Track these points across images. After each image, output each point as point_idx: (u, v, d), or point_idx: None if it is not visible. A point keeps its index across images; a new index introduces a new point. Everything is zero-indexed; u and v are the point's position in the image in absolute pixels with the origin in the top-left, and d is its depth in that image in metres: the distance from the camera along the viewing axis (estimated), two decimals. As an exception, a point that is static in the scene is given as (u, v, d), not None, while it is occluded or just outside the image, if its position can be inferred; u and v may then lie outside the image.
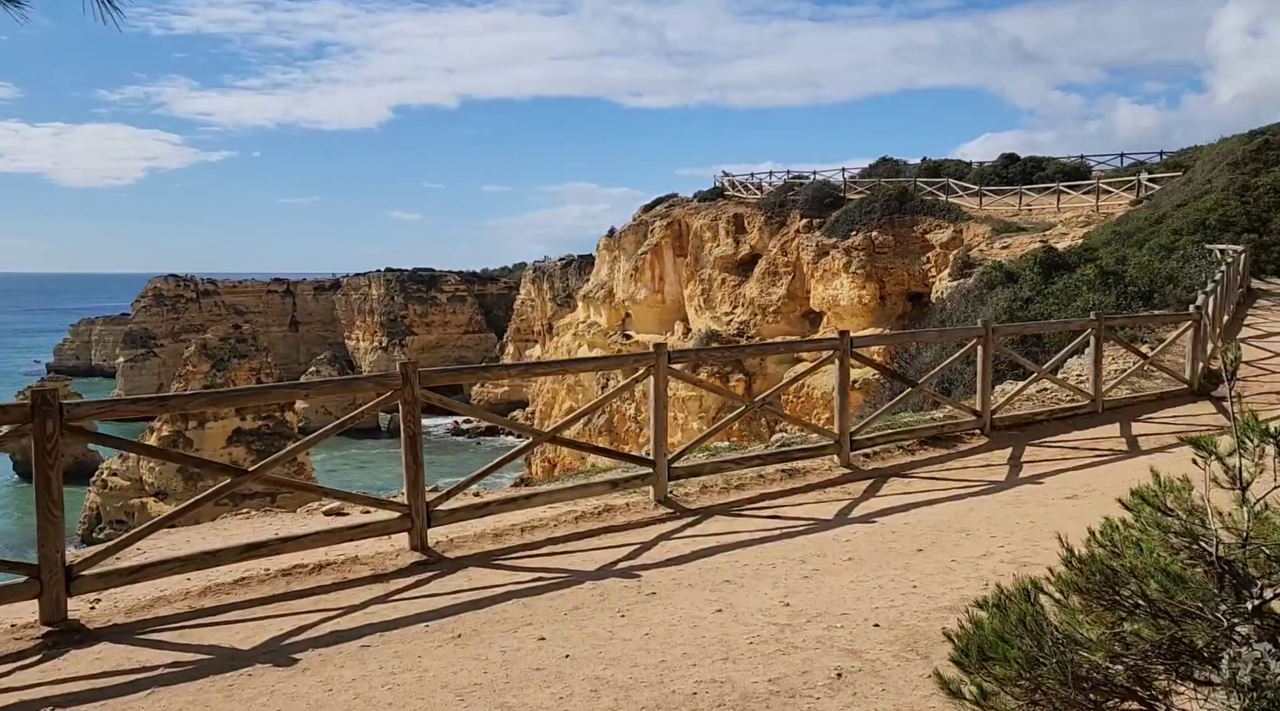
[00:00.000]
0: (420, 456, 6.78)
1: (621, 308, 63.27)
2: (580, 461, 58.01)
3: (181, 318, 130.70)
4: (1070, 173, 51.29)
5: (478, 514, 7.16)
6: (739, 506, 8.08)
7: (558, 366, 11.13)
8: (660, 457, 7.99)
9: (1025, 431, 10.48)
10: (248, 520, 7.92)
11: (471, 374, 7.46)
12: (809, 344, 9.74)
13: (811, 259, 50.53)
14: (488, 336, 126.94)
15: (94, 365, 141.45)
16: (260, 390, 6.12)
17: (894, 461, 9.46)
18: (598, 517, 7.69)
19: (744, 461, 8.61)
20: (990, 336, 10.01)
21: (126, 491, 72.99)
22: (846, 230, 49.40)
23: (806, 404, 50.45)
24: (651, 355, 7.89)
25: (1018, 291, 22.04)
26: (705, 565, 6.43)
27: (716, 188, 64.66)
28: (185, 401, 7.13)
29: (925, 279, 46.02)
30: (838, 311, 48.74)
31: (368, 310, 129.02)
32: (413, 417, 6.73)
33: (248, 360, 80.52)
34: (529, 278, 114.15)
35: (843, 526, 7.26)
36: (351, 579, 6.37)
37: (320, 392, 6.43)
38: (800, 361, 50.11)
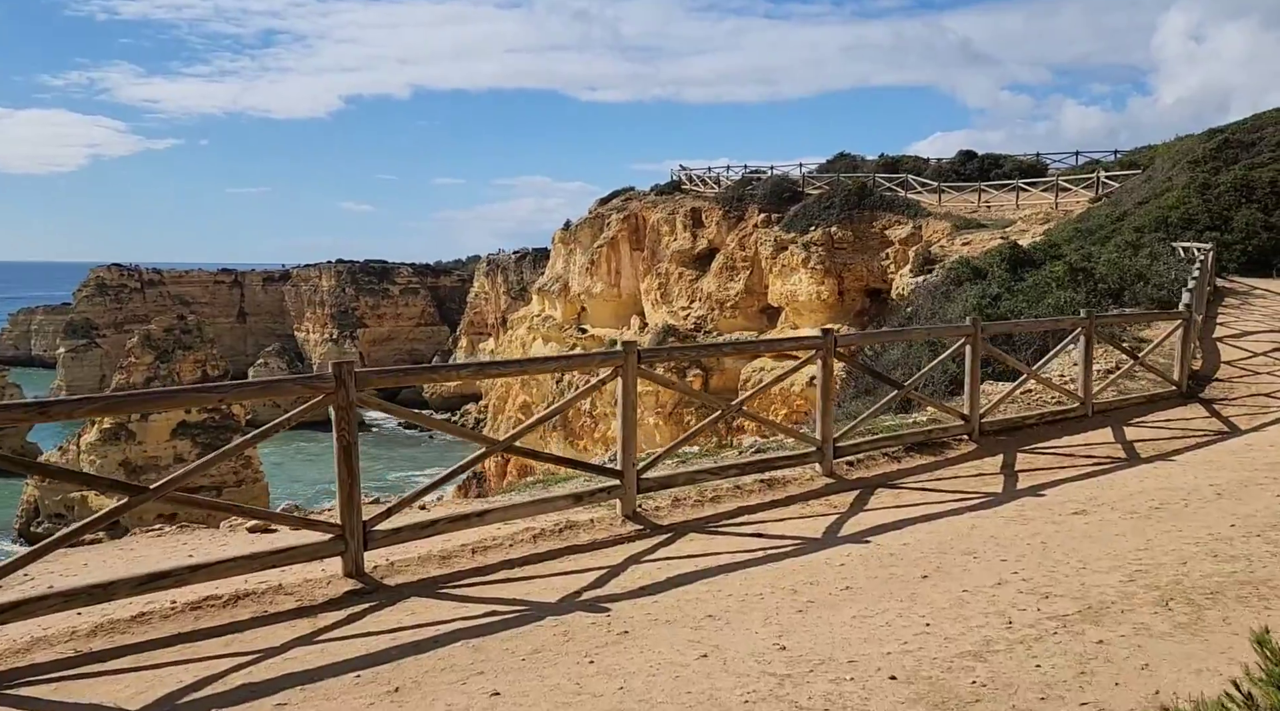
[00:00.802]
0: (356, 469, 5.89)
1: (577, 301, 62.35)
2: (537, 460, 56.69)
3: (125, 308, 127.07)
4: (1027, 170, 51.46)
5: (423, 533, 6.29)
6: (715, 522, 7.29)
7: (515, 367, 10.21)
8: (629, 468, 7.18)
9: (1014, 436, 9.85)
10: (159, 538, 6.94)
11: (417, 375, 6.47)
12: (791, 342, 9.00)
13: (770, 254, 50.06)
14: (440, 329, 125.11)
15: (34, 355, 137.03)
16: (168, 394, 5.21)
17: (879, 470, 8.75)
18: (559, 536, 6.85)
19: (720, 471, 7.82)
20: (979, 335, 9.35)
21: (66, 485, 70.52)
22: (805, 225, 49.00)
23: (764, 399, 50.02)
24: (619, 354, 7.06)
25: (986, 288, 21.57)
26: (684, 595, 5.63)
27: (673, 181, 63.94)
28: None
29: (884, 275, 45.76)
30: (796, 307, 48.35)
31: (318, 301, 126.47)
32: (347, 426, 5.83)
33: (192, 352, 78.23)
34: (483, 271, 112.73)
35: (834, 547, 6.51)
36: (273, 613, 5.46)
37: (239, 396, 5.52)
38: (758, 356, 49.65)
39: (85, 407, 4.93)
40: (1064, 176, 45.23)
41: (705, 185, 59.83)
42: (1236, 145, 32.36)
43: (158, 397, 5.32)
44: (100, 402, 5.00)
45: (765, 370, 50.12)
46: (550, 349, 63.79)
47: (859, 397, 19.91)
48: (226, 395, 5.47)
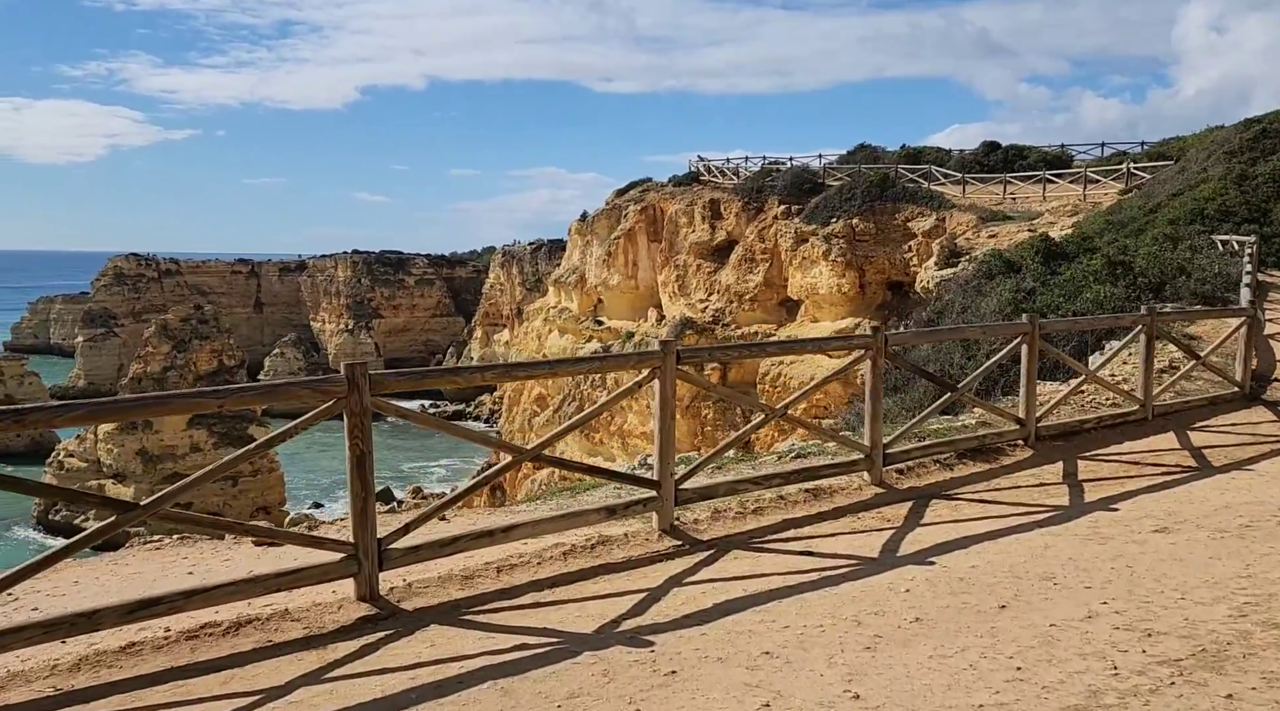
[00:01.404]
0: (370, 481, 5.32)
1: (594, 293, 61.76)
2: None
3: (143, 297, 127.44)
4: (1052, 162, 50.47)
5: (443, 551, 5.72)
6: (759, 537, 6.70)
7: (545, 368, 9.38)
8: (666, 478, 6.59)
9: (1072, 442, 9.20)
10: (157, 551, 6.41)
11: (438, 377, 5.95)
12: (839, 341, 8.40)
13: (790, 246, 49.30)
14: (455, 320, 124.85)
15: (52, 344, 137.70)
16: (161, 399, 4.69)
17: (931, 479, 8.13)
18: (590, 553, 6.28)
19: (762, 481, 7.22)
20: (1036, 333, 8.70)
21: (84, 473, 70.59)
22: (826, 217, 48.20)
23: (782, 394, 49.38)
24: (657, 355, 6.47)
25: (1020, 282, 20.86)
26: (734, 626, 5.04)
27: (691, 173, 63.20)
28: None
29: (907, 267, 44.95)
30: (816, 300, 47.60)
31: (334, 292, 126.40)
32: (361, 433, 5.26)
33: (209, 342, 78.15)
34: (498, 262, 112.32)
35: (895, 569, 5.90)
36: (278, 643, 4.90)
37: (241, 401, 4.97)
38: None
39: (66, 414, 4.40)
40: (1091, 167, 44.26)
41: (724, 176, 59.06)
42: (1274, 135, 31.39)
43: (150, 404, 4.76)
44: (84, 409, 4.47)
45: (785, 363, 49.46)
46: (566, 341, 63.27)
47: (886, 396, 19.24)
48: (227, 400, 4.92)
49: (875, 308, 46.64)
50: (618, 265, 59.44)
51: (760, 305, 50.97)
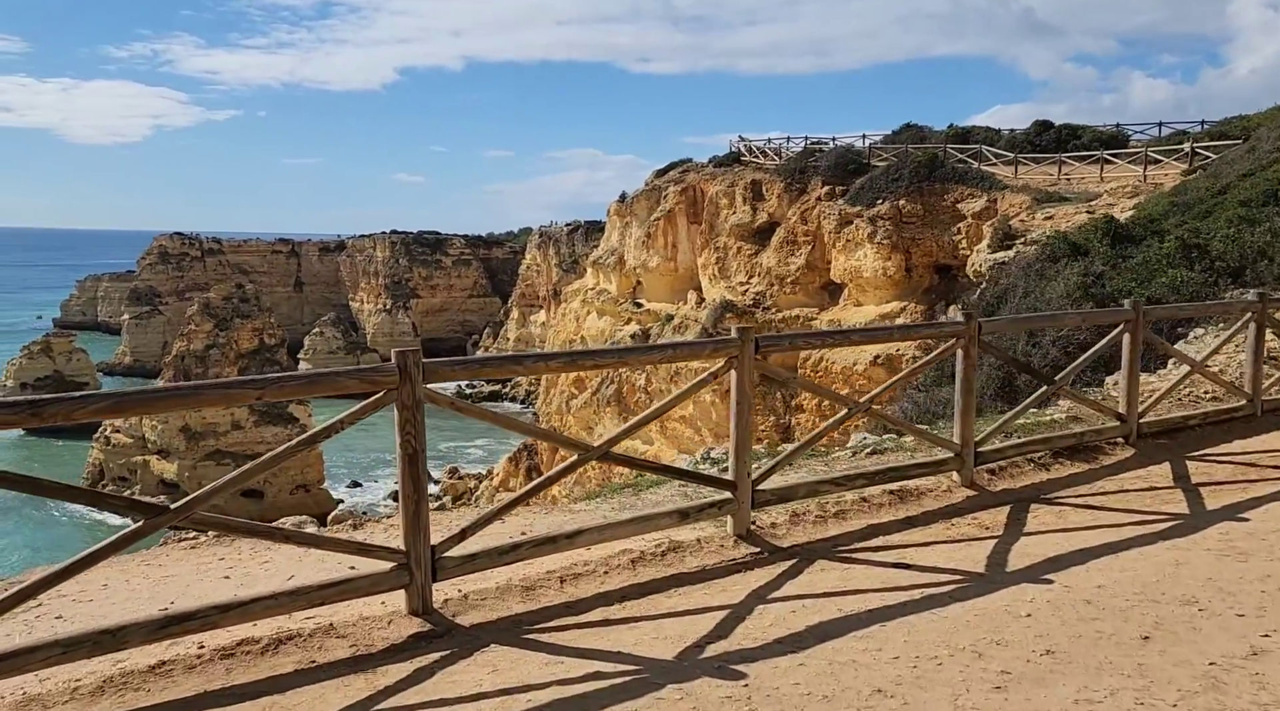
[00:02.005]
0: (424, 483, 4.76)
1: (632, 275, 61.08)
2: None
3: (186, 276, 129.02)
4: (1108, 141, 48.84)
5: (502, 560, 5.15)
6: (844, 545, 6.06)
7: (613, 357, 8.40)
8: (742, 478, 5.97)
9: (1176, 440, 8.44)
10: (192, 549, 5.91)
11: (497, 366, 5.03)
12: (928, 329, 7.69)
13: (834, 228, 48.25)
14: (492, 301, 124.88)
15: (99, 321, 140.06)
16: (193, 390, 4.23)
17: (1026, 480, 7.43)
18: (661, 561, 5.68)
19: (845, 482, 6.57)
20: (1141, 320, 7.93)
21: (129, 448, 71.62)
22: (872, 198, 47.07)
23: (824, 380, 48.59)
24: (734, 342, 5.83)
25: (1088, 265, 19.88)
26: (835, 655, 4.42)
27: (732, 153, 62.16)
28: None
29: (956, 250, 43.75)
30: (860, 283, 46.56)
31: (372, 272, 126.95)
32: (413, 429, 4.70)
33: (250, 320, 78.74)
34: (534, 243, 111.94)
35: (1007, 588, 5.24)
36: (323, 664, 4.37)
37: (281, 393, 4.43)
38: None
39: (87, 406, 3.88)
40: (1152, 147, 42.65)
41: (765, 157, 57.98)
42: (1354, 113, 29.81)
43: (184, 394, 4.23)
44: (107, 401, 3.95)
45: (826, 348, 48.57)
46: (604, 323, 62.78)
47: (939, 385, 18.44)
48: (266, 390, 4.38)
49: (921, 292, 45.51)
50: (657, 247, 58.68)
51: (802, 288, 50.02)
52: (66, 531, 63.36)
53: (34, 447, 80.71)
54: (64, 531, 63.28)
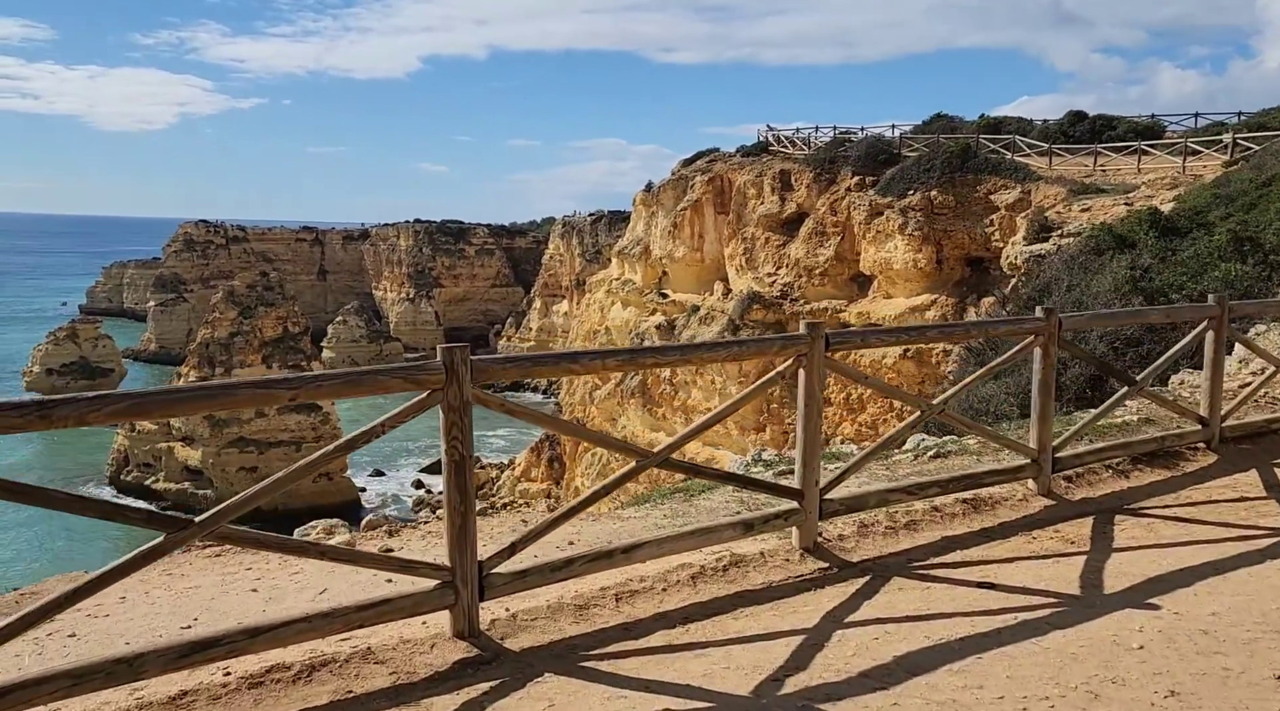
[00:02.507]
0: (471, 492, 4.32)
1: (658, 265, 60.58)
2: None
3: (211, 263, 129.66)
4: (1143, 132, 47.79)
5: (554, 576, 4.71)
6: (920, 560, 5.58)
7: (675, 354, 7.63)
8: (810, 486, 5.49)
9: (1259, 445, 7.88)
10: (217, 558, 5.51)
11: (551, 365, 4.65)
12: (1006, 323, 7.16)
13: (863, 219, 47.54)
14: (515, 290, 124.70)
15: (125, 308, 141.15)
16: (221, 390, 3.86)
17: (1105, 488, 6.91)
18: (723, 576, 5.23)
19: (916, 490, 6.08)
20: (1226, 317, 7.38)
21: (154, 435, 72.03)
22: (903, 189, 46.33)
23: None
24: (802, 339, 5.35)
25: (1136, 258, 19.21)
26: (930, 691, 3.95)
27: (760, 143, 61.48)
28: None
29: (988, 242, 42.97)
30: (890, 275, 45.86)
31: (396, 261, 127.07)
32: (460, 434, 4.26)
33: (274, 308, 78.88)
34: (558, 232, 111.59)
35: (1110, 613, 4.74)
36: (360, 695, 3.95)
37: (315, 393, 4.00)
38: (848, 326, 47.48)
39: (103, 409, 3.46)
40: (1191, 138, 41.63)
41: (794, 147, 57.26)
42: None
43: (214, 394, 3.80)
44: (125, 403, 3.54)
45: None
46: (629, 313, 62.45)
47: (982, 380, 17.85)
48: (301, 391, 3.96)
49: (953, 284, 44.77)
50: (683, 237, 58.13)
51: (831, 280, 49.37)
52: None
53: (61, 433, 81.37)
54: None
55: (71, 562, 52.76)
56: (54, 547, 55.57)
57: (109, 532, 60.79)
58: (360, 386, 4.15)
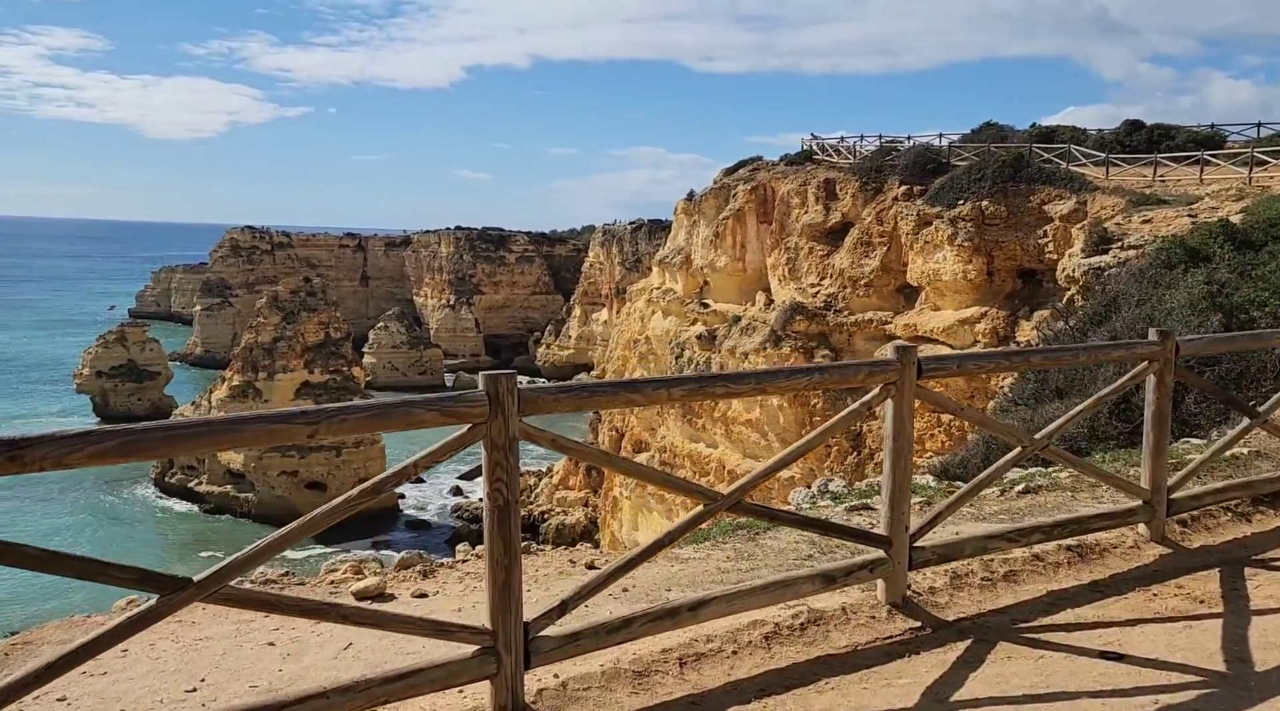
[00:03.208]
0: (516, 543, 3.70)
1: (699, 275, 59.92)
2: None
3: (256, 269, 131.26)
4: (1203, 142, 46.31)
5: (610, 639, 4.06)
6: (1024, 618, 4.86)
7: (750, 382, 4.84)
8: (899, 533, 4.80)
9: (1394, 486, 7.00)
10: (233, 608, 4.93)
11: (608, 395, 4.11)
12: (1118, 349, 6.39)
13: (911, 229, 46.54)
14: (555, 298, 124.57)
15: (173, 311, 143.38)
16: (223, 426, 3.34)
17: (1227, 534, 6.12)
18: (801, 636, 4.55)
19: (1018, 536, 5.35)
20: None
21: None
22: (952, 199, 45.28)
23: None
24: (891, 365, 4.67)
25: (1212, 272, 18.20)
26: (1071, 804, 3.23)
27: (804, 151, 60.67)
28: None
29: (1041, 254, 41.77)
30: (938, 287, 44.78)
31: (436, 267, 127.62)
32: (505, 474, 3.64)
33: (316, 313, 79.36)
34: (598, 241, 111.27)
35: (1270, 699, 3.99)
36: (384, 785, 3.32)
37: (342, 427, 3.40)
38: (893, 339, 46.48)
39: (86, 450, 2.89)
40: (1257, 147, 40.13)
41: (839, 155, 56.39)
42: None
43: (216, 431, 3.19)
44: (114, 441, 2.96)
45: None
46: (670, 322, 61.93)
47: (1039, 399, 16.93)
48: (321, 425, 3.37)
49: (1004, 296, 43.61)
50: (725, 246, 57.44)
51: (876, 291, 48.38)
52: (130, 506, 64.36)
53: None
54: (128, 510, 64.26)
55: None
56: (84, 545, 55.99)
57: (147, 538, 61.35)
58: (390, 420, 3.54)
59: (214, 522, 65.71)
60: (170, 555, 58.73)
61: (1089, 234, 35.80)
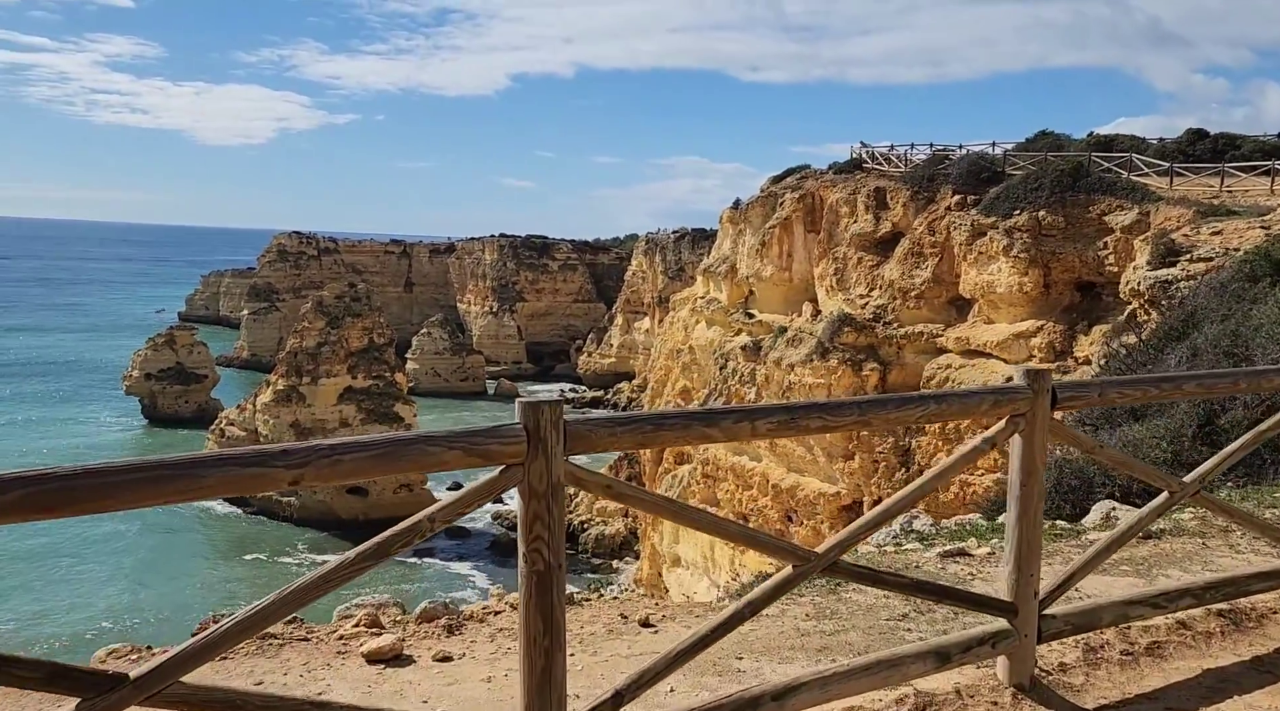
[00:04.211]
0: (560, 621, 2.88)
1: (744, 285, 58.98)
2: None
3: (303, 274, 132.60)
4: (1270, 152, 44.45)
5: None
6: (1182, 707, 3.92)
7: (852, 413, 3.70)
8: (1026, 600, 3.89)
9: None
10: (222, 664, 4.16)
11: (680, 428, 3.14)
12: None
13: (965, 239, 45.24)
14: (597, 306, 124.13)
15: (221, 315, 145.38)
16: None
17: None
18: (910, 728, 3.65)
19: (1165, 602, 4.41)
20: None
21: (242, 441, 73.09)
22: (1008, 208, 43.96)
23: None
24: (1020, 394, 3.78)
25: (1306, 288, 16.94)
26: None
27: (853, 159, 59.65)
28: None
29: (1101, 266, 40.28)
30: (992, 299, 43.40)
31: (480, 274, 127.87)
32: (546, 528, 2.82)
33: (361, 319, 79.54)
34: (641, 249, 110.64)
35: None
36: None
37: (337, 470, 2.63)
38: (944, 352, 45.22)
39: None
40: (1336, 157, 38.36)
41: (889, 164, 55.20)
42: None
43: (149, 479, 2.39)
44: (18, 491, 2.17)
45: (954, 368, 45.90)
46: (714, 332, 61.07)
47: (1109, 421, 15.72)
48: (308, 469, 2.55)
49: (1061, 310, 42.13)
50: (771, 256, 56.45)
51: (927, 303, 47.08)
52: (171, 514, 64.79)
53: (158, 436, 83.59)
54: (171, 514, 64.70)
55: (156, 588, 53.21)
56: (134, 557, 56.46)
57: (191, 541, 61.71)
58: (401, 461, 2.74)
59: (256, 525, 66.04)
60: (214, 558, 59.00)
61: (1155, 246, 34.30)
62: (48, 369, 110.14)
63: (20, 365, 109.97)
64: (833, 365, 48.26)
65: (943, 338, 46.22)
